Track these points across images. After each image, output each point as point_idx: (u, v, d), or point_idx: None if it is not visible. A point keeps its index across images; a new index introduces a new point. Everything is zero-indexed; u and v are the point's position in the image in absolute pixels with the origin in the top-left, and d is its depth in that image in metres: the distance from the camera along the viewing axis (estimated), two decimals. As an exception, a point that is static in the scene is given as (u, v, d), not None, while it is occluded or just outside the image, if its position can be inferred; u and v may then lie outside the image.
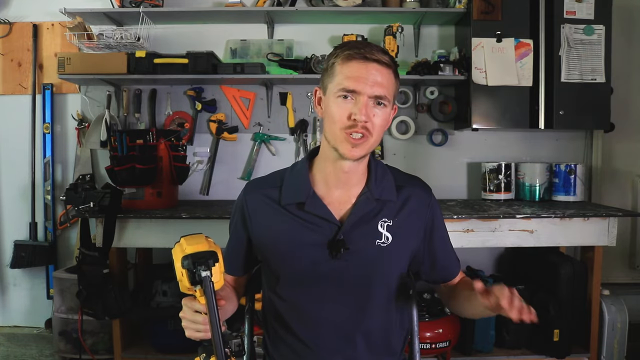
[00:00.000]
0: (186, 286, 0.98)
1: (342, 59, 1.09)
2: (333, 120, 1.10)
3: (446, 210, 2.29)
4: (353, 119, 1.07)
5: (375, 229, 1.17)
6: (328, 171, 1.17)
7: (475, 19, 2.54)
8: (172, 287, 2.37)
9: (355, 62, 1.08)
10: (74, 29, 2.57)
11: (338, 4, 2.65)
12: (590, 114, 2.57)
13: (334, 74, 1.10)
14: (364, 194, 1.18)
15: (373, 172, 1.20)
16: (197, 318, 1.00)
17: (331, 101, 1.10)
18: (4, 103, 2.92)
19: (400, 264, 1.22)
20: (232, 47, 2.83)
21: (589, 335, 2.36)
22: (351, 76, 1.07)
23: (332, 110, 1.10)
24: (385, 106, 1.10)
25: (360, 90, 1.07)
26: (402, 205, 1.20)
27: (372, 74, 1.07)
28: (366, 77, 1.07)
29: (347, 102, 1.08)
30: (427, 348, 2.27)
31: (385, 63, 1.09)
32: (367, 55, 1.08)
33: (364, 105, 1.07)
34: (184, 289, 1.00)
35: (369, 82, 1.07)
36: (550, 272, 2.39)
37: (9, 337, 2.85)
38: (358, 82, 1.07)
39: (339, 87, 1.08)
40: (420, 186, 1.25)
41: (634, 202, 2.95)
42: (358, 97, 1.07)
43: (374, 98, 1.08)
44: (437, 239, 1.25)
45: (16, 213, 2.93)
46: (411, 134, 2.84)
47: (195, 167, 2.86)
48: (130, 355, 2.39)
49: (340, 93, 1.08)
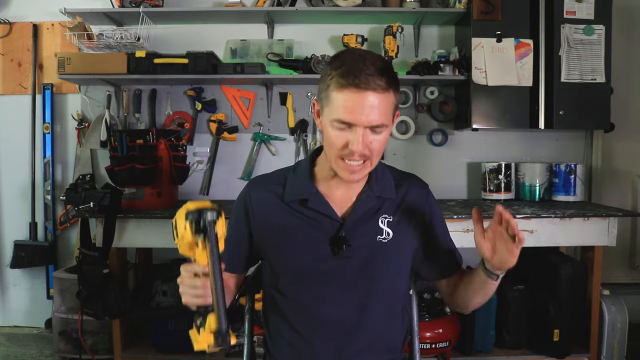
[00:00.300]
0: (188, 241, 0.97)
1: (336, 85, 1.04)
2: (330, 145, 1.09)
3: (446, 210, 2.29)
4: (350, 149, 1.06)
5: (376, 225, 1.19)
6: (329, 173, 1.19)
7: (475, 19, 2.54)
8: (172, 287, 2.36)
9: (349, 92, 1.03)
10: (74, 29, 2.57)
11: (338, 4, 2.65)
12: (590, 114, 2.57)
13: (329, 98, 1.07)
14: (365, 191, 1.20)
15: (373, 171, 1.21)
16: (196, 282, 0.98)
17: (327, 126, 1.09)
18: (4, 103, 2.92)
19: (401, 260, 1.23)
20: (232, 47, 2.84)
21: (589, 335, 2.36)
22: (346, 106, 1.03)
23: (330, 135, 1.08)
24: (383, 131, 1.08)
25: (356, 122, 1.04)
26: (401, 202, 1.22)
27: (367, 104, 1.03)
28: (362, 108, 1.03)
29: (343, 131, 1.06)
30: (427, 348, 2.27)
31: (380, 89, 1.03)
32: (359, 86, 1.02)
33: (360, 135, 1.05)
34: (185, 247, 0.99)
35: (365, 113, 1.03)
36: (550, 272, 2.39)
37: (9, 337, 2.85)
38: (353, 114, 1.03)
39: (334, 118, 1.05)
40: (417, 183, 1.28)
41: (634, 202, 2.95)
42: (354, 128, 1.05)
43: (369, 128, 1.06)
44: (436, 234, 1.26)
45: (16, 213, 2.93)
46: (411, 134, 2.84)
47: (195, 167, 2.86)
48: (130, 355, 2.39)
49: (335, 123, 1.06)
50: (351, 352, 1.18)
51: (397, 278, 1.23)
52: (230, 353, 2.36)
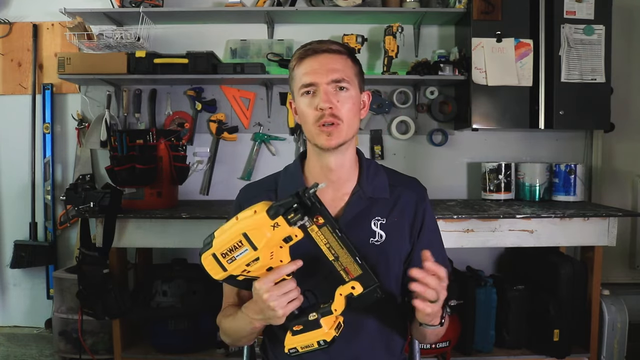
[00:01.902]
0: (277, 241, 0.93)
1: (297, 61, 1.16)
2: (305, 119, 1.15)
3: (446, 210, 2.29)
4: (320, 109, 1.11)
5: (369, 228, 1.17)
6: (316, 171, 1.20)
7: (475, 19, 2.54)
8: (172, 287, 2.37)
9: (307, 59, 1.14)
10: (74, 29, 2.57)
11: (338, 4, 2.65)
12: (590, 114, 2.57)
13: (293, 77, 1.17)
14: (356, 192, 1.19)
15: (365, 170, 1.21)
16: (286, 287, 0.95)
17: (299, 102, 1.16)
18: (4, 103, 2.92)
19: (395, 262, 1.20)
20: (232, 47, 2.83)
21: (589, 335, 2.36)
22: (307, 72, 1.13)
23: (302, 109, 1.16)
24: (348, 89, 1.14)
25: (317, 80, 1.12)
26: (394, 204, 1.20)
27: (324, 64, 1.12)
28: (319, 68, 1.12)
29: (310, 97, 1.14)
30: (427, 348, 2.27)
31: (335, 50, 1.14)
32: (316, 49, 1.13)
33: (324, 93, 1.11)
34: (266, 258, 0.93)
35: (323, 71, 1.12)
36: (550, 272, 2.39)
37: (9, 337, 2.85)
38: (314, 74, 1.12)
39: (299, 85, 1.14)
40: (414, 186, 1.25)
41: (634, 202, 2.95)
42: (318, 88, 1.12)
43: (333, 83, 1.12)
44: (423, 240, 1.22)
45: (16, 213, 2.93)
46: (411, 134, 2.84)
47: (195, 167, 2.86)
48: (130, 355, 2.39)
49: (302, 91, 1.14)
50: (349, 356, 1.17)
51: (393, 280, 1.21)
52: (230, 353, 2.36)
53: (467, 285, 2.39)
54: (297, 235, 0.94)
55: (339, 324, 0.99)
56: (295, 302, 0.98)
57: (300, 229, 0.94)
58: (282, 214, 0.91)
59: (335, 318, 0.98)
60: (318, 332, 0.97)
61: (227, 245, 0.93)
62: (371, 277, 0.97)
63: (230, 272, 0.95)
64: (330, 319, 0.97)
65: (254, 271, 0.96)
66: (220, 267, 0.95)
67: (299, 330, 0.98)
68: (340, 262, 0.96)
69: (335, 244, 0.95)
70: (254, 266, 0.94)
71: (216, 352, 2.40)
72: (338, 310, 0.98)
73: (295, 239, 0.95)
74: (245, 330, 1.11)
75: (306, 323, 0.98)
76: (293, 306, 0.98)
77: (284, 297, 0.96)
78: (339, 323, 0.99)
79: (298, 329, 0.98)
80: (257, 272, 0.96)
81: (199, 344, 2.40)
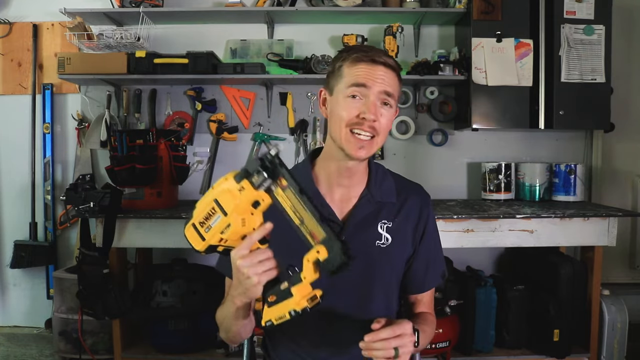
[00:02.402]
0: (247, 204, 0.92)
1: (350, 62, 1.13)
2: (340, 118, 1.12)
3: (446, 210, 2.29)
4: (362, 117, 1.10)
5: (375, 230, 1.18)
6: (331, 170, 1.19)
7: (475, 19, 2.54)
8: (172, 287, 2.37)
9: (363, 64, 1.12)
10: (74, 29, 2.57)
11: (338, 4, 2.65)
12: (590, 114, 2.57)
13: (341, 75, 1.14)
14: (365, 196, 1.20)
15: (373, 174, 1.22)
16: (262, 255, 0.94)
17: (340, 100, 1.13)
18: (4, 103, 2.92)
19: (399, 265, 1.22)
20: (232, 47, 2.83)
21: (589, 335, 2.36)
22: (360, 74, 1.11)
23: (340, 109, 1.13)
24: (391, 107, 1.14)
25: (371, 85, 1.10)
26: (400, 208, 1.22)
27: (379, 75, 1.11)
28: (375, 77, 1.11)
29: (355, 101, 1.11)
30: (427, 348, 2.26)
31: (391, 66, 1.13)
32: (374, 58, 1.12)
33: (373, 104, 1.11)
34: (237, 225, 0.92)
35: (379, 81, 1.11)
36: (550, 272, 2.39)
37: (9, 337, 2.85)
38: (369, 80, 1.11)
39: (350, 83, 1.11)
40: (419, 192, 1.27)
41: (634, 202, 2.95)
42: (367, 96, 1.11)
43: (383, 94, 1.12)
44: (423, 247, 1.24)
45: (16, 213, 2.93)
46: (411, 134, 2.84)
47: (195, 167, 2.86)
48: (130, 355, 2.39)
49: (350, 90, 1.11)
50: (350, 356, 1.17)
51: (395, 283, 1.23)
52: (231, 353, 2.36)
53: (467, 285, 2.39)
54: (264, 199, 0.93)
55: (314, 297, 0.95)
56: (271, 272, 0.95)
57: (266, 193, 0.93)
58: (246, 177, 0.91)
59: (308, 288, 0.94)
60: (290, 302, 0.94)
61: (202, 213, 0.95)
62: (335, 240, 0.92)
63: (207, 241, 0.95)
64: (302, 287, 0.94)
65: (230, 240, 0.95)
66: (200, 237, 0.96)
67: (273, 301, 0.95)
68: (306, 225, 0.94)
69: (299, 207, 0.93)
70: (227, 233, 0.94)
71: (216, 352, 2.40)
72: (307, 278, 0.94)
73: (262, 203, 0.94)
74: (230, 313, 1.09)
75: (278, 293, 0.95)
76: (268, 275, 0.95)
77: (259, 265, 0.94)
78: (315, 296, 0.95)
79: (272, 299, 0.95)
80: (232, 241, 0.96)
81: (199, 344, 2.40)
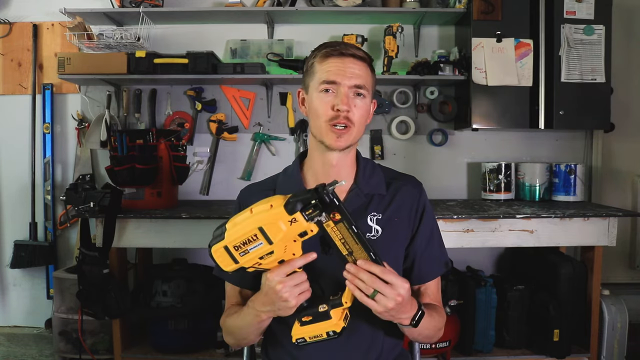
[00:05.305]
0: (293, 236, 0.94)
1: (320, 58, 1.18)
2: (317, 115, 1.17)
3: (446, 210, 2.29)
4: (336, 109, 1.14)
5: (365, 224, 1.19)
6: (317, 167, 1.22)
7: (475, 19, 2.54)
8: (172, 287, 2.37)
9: (332, 59, 1.16)
10: (74, 29, 2.57)
11: (338, 4, 2.65)
12: (590, 114, 2.57)
13: (314, 72, 1.18)
14: (353, 190, 1.21)
15: (361, 169, 1.24)
16: (297, 279, 0.99)
17: (314, 97, 1.17)
18: (4, 103, 2.92)
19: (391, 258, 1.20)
20: (232, 47, 2.83)
21: (589, 335, 2.36)
22: (331, 70, 1.15)
23: (316, 105, 1.17)
24: (365, 97, 1.17)
25: (340, 81, 1.14)
26: (391, 200, 1.22)
27: (349, 67, 1.15)
28: (344, 70, 1.14)
29: (328, 95, 1.15)
30: (427, 348, 2.27)
31: (360, 57, 1.17)
32: (343, 51, 1.16)
33: (345, 95, 1.14)
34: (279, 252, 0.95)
35: (347, 74, 1.14)
36: (550, 272, 2.39)
37: (9, 337, 2.85)
38: (338, 74, 1.14)
39: (320, 80, 1.15)
40: (411, 182, 1.28)
41: (634, 202, 2.95)
42: (339, 89, 1.14)
43: (354, 88, 1.15)
44: (419, 236, 1.23)
45: (16, 213, 2.93)
46: (411, 134, 2.84)
47: (195, 167, 2.86)
48: (130, 355, 2.39)
49: (322, 87, 1.15)
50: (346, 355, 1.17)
51: None
52: (230, 353, 2.36)
53: (467, 285, 2.39)
54: (312, 230, 0.96)
55: (346, 315, 1.01)
56: (305, 294, 1.01)
57: (316, 225, 0.95)
58: (300, 210, 0.92)
59: (343, 309, 1.00)
60: (328, 323, 0.99)
61: (241, 238, 0.95)
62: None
63: (241, 264, 0.97)
64: (339, 310, 1.00)
65: (266, 264, 0.98)
66: (232, 259, 0.97)
67: (308, 321, 1.00)
68: (354, 257, 0.98)
69: (350, 239, 0.97)
70: (267, 259, 0.97)
71: (216, 352, 2.40)
72: (348, 302, 1.00)
73: (310, 233, 0.96)
74: (251, 325, 1.13)
75: (315, 314, 1.00)
76: (303, 297, 1.01)
77: (296, 288, 0.99)
78: (346, 314, 1.01)
79: (307, 319, 1.00)
80: (268, 264, 0.99)
81: (199, 344, 2.40)
